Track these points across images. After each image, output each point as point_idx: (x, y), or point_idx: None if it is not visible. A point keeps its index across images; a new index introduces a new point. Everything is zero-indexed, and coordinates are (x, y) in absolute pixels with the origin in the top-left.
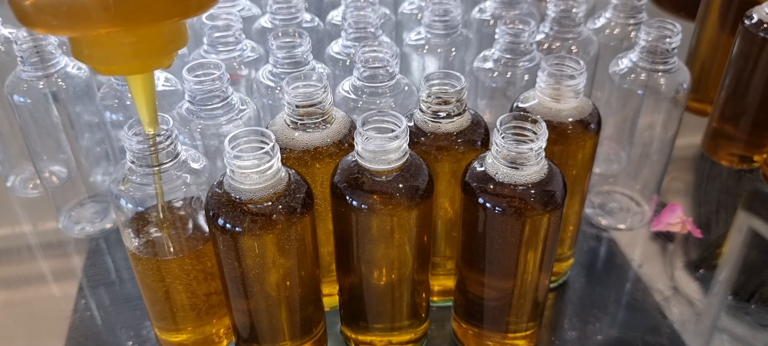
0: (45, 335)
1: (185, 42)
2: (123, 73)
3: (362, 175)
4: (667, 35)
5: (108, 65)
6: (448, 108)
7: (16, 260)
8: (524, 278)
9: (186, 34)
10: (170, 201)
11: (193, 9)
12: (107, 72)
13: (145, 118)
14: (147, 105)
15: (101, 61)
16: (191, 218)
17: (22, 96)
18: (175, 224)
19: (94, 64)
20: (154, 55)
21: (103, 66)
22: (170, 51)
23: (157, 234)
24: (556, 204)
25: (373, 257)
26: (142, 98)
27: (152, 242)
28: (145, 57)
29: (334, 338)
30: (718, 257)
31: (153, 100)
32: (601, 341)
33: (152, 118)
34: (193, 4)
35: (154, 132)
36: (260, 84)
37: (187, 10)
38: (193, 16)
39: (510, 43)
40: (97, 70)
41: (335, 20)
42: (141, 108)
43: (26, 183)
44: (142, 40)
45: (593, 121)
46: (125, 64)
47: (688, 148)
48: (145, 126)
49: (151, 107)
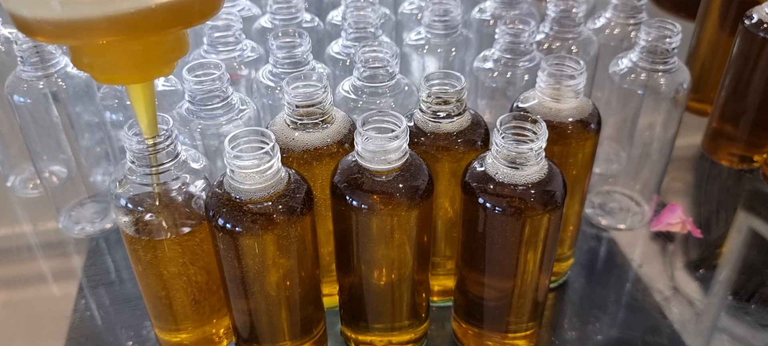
0: (45, 335)
1: (186, 51)
2: (123, 82)
3: (362, 175)
4: (667, 35)
5: (108, 74)
6: (448, 108)
7: (16, 260)
8: (524, 278)
9: (187, 43)
10: (166, 182)
11: (196, 18)
12: (107, 81)
13: (144, 124)
14: (147, 113)
15: (101, 70)
16: (185, 198)
17: (22, 96)
18: (170, 206)
19: (94, 73)
20: (155, 65)
21: (103, 75)
22: (171, 60)
23: (152, 218)
24: (556, 204)
25: (373, 257)
26: (141, 106)
27: (148, 223)
28: (145, 66)
29: (334, 338)
30: (718, 257)
31: (153, 108)
32: (601, 341)
33: (152, 124)
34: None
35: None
36: (260, 84)
37: (190, 20)
38: (196, 25)
39: (510, 43)
40: (97, 79)
41: (335, 20)
42: (140, 115)
43: (26, 183)
44: (143, 50)
45: (593, 121)
46: (126, 73)
47: (688, 148)
48: (144, 132)
49: (151, 115)
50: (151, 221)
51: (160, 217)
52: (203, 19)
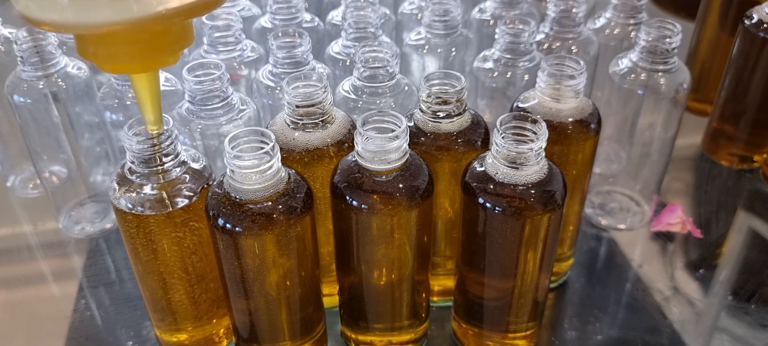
0: (45, 335)
1: (192, 40)
2: (128, 71)
3: (362, 175)
4: (667, 35)
5: (113, 63)
6: (448, 108)
7: (16, 260)
8: (524, 278)
9: (192, 32)
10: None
11: (200, 8)
12: (112, 70)
13: (149, 116)
14: (152, 103)
15: (106, 59)
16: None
17: (22, 96)
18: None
19: (99, 62)
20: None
21: (108, 64)
22: (176, 50)
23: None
24: (556, 204)
25: (373, 257)
26: (147, 96)
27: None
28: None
29: (334, 338)
30: (718, 257)
31: (158, 99)
32: (601, 341)
33: (157, 116)
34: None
35: (158, 131)
36: (260, 84)
37: (194, 10)
38: (201, 14)
39: (510, 43)
40: (102, 67)
41: (335, 20)
42: (146, 106)
43: (26, 183)
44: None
45: (593, 121)
46: (131, 62)
47: (688, 148)
48: (149, 125)
49: (157, 105)
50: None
51: (162, 190)
52: (207, 10)
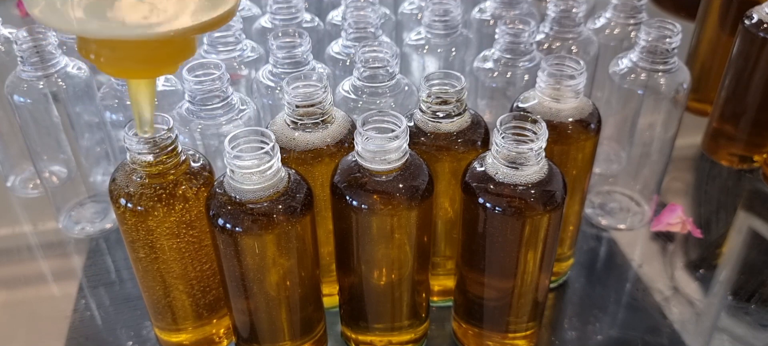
0: (45, 335)
1: (193, 52)
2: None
3: (362, 175)
4: (667, 35)
5: (114, 68)
6: (448, 108)
7: (16, 260)
8: (524, 278)
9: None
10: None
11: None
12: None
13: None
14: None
15: (107, 63)
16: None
17: (22, 96)
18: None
19: (99, 65)
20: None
21: (108, 68)
22: (178, 62)
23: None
24: (556, 204)
25: (373, 257)
26: (143, 99)
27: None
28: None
29: (334, 338)
30: (718, 257)
31: (153, 102)
32: (601, 341)
33: (151, 119)
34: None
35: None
36: (260, 84)
37: (204, 28)
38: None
39: (510, 43)
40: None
41: (335, 20)
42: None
43: (26, 183)
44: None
45: (593, 121)
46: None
47: (688, 148)
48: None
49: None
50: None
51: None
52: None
